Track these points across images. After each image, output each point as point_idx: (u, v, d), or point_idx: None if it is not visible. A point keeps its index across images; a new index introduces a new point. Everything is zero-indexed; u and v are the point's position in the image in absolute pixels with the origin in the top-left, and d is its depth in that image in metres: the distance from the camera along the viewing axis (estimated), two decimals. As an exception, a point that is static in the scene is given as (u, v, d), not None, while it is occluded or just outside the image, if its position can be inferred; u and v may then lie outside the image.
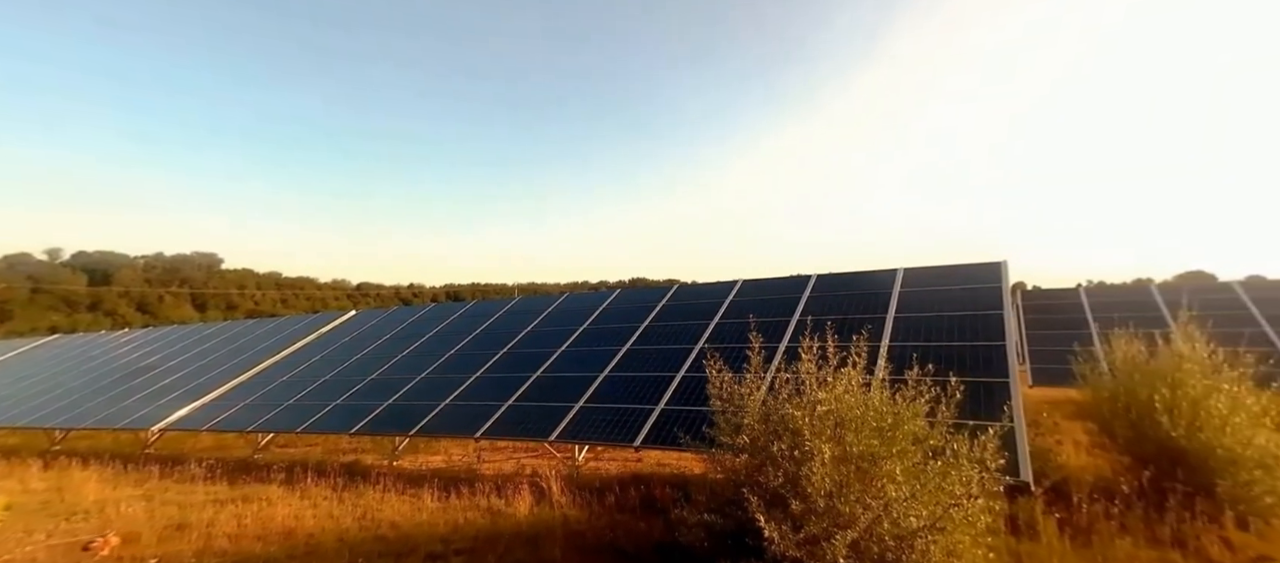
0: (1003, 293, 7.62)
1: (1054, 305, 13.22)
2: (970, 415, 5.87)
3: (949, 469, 4.19)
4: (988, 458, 4.20)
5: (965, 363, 6.62)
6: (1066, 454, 7.04)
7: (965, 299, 7.80)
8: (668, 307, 10.31)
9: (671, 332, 9.31)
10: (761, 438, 4.73)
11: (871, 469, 4.29)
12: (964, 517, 4.05)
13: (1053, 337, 11.74)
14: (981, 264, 8.32)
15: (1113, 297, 13.04)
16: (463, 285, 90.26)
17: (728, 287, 10.22)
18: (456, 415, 8.45)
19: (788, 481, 4.39)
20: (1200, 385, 5.63)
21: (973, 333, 7.18)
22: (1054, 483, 5.83)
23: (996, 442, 4.30)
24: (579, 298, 12.55)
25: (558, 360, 9.45)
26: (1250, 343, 6.35)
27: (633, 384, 8.07)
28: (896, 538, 4.02)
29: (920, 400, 4.54)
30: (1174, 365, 5.84)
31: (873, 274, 9.16)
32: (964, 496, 4.07)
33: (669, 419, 6.93)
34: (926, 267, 8.82)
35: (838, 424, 4.46)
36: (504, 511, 6.12)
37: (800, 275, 9.78)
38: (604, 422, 7.35)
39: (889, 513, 4.03)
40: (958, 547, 4.07)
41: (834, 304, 8.69)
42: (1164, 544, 4.87)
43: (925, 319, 7.73)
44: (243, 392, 11.51)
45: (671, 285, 11.26)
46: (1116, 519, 5.15)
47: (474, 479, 7.40)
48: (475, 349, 10.87)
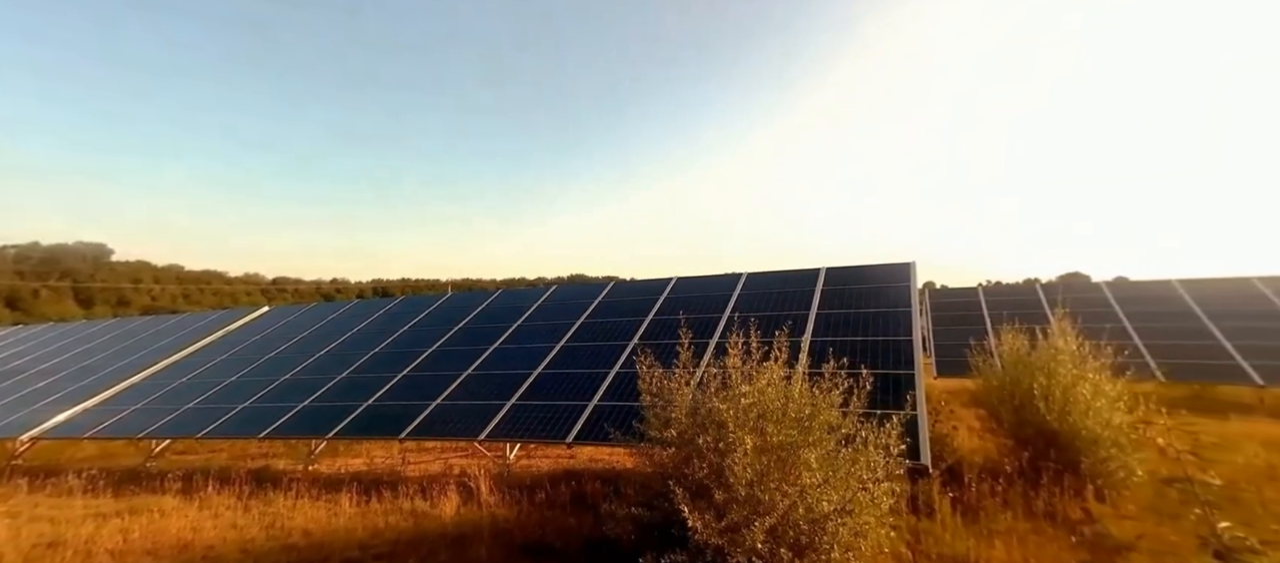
0: (911, 292, 8.23)
1: (956, 303, 14.47)
2: (880, 405, 6.35)
3: (858, 456, 4.49)
4: (891, 444, 4.55)
5: (877, 356, 7.11)
6: (961, 439, 7.74)
7: (878, 297, 8.37)
8: (604, 303, 10.36)
9: (607, 328, 9.36)
10: (689, 431, 4.88)
11: (790, 458, 4.52)
12: (870, 499, 4.38)
13: (955, 332, 12.85)
14: (893, 265, 8.95)
15: (1005, 295, 14.44)
16: (392, 281, 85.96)
17: (663, 283, 10.39)
18: (379, 416, 8.10)
19: (712, 472, 4.57)
20: (1070, 375, 6.37)
21: (884, 328, 7.71)
22: (950, 465, 6.40)
23: (900, 429, 4.66)
24: (514, 295, 12.33)
25: (490, 357, 9.27)
26: (1111, 336, 7.24)
27: (566, 381, 8.05)
28: (810, 522, 4.28)
29: (835, 392, 4.84)
30: (1050, 357, 6.57)
31: (798, 273, 9.62)
32: (871, 480, 4.40)
33: (602, 415, 6.98)
34: (846, 266, 9.37)
35: (760, 416, 4.68)
36: (429, 513, 5.94)
37: (732, 274, 10.11)
38: (537, 419, 7.29)
39: (804, 499, 4.28)
40: (864, 527, 4.37)
41: (763, 301, 9.05)
42: (1038, 517, 5.49)
43: (844, 315, 8.22)
44: (135, 395, 10.44)
45: (608, 282, 11.30)
46: (1000, 496, 5.74)
47: (398, 482, 7.13)
48: (402, 347, 10.44)
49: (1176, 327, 11.63)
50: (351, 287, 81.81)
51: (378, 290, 78.58)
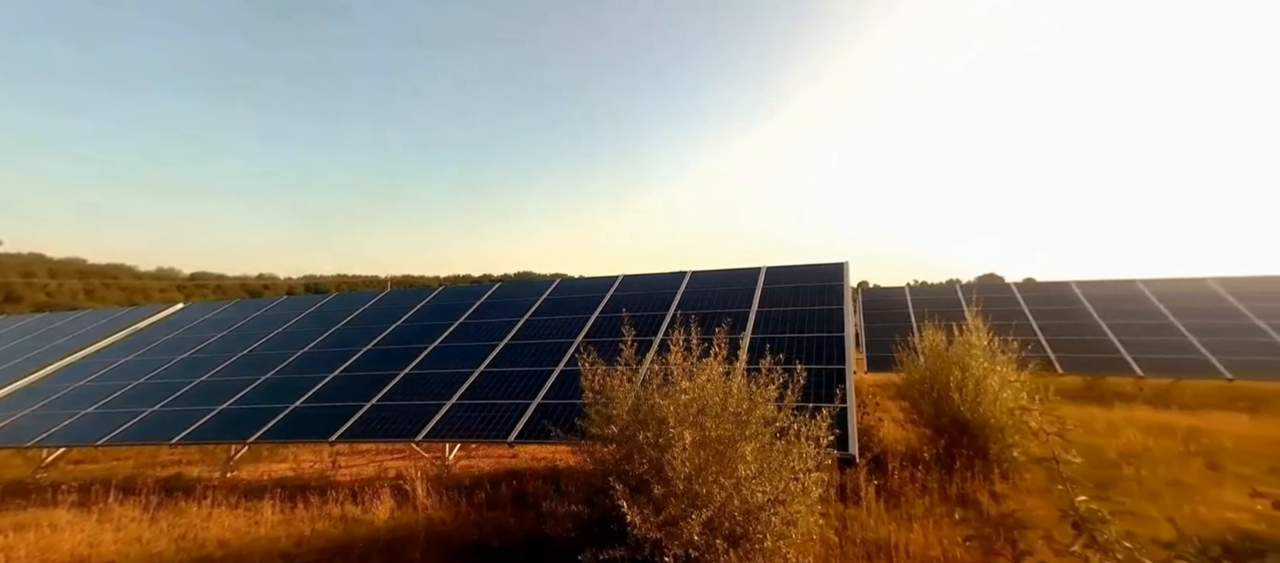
0: (844, 291, 8.67)
1: (886, 301, 15.36)
2: (814, 399, 6.66)
3: (792, 448, 4.71)
4: (821, 436, 4.79)
5: (812, 352, 7.45)
6: (886, 430, 8.24)
7: (814, 295, 8.76)
8: (549, 300, 10.28)
9: (552, 326, 9.30)
10: (630, 428, 4.95)
11: (728, 451, 4.67)
12: (801, 489, 4.60)
13: (885, 328, 13.63)
14: (828, 264, 9.39)
15: (929, 294, 15.47)
16: (325, 277, 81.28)
17: (610, 281, 10.43)
18: (308, 418, 7.69)
19: (652, 467, 4.65)
20: (981, 368, 6.91)
21: (819, 325, 8.08)
22: (876, 455, 6.81)
23: (829, 421, 4.91)
24: (455, 292, 12.01)
25: (429, 356, 8.99)
26: (1017, 333, 7.90)
27: (509, 379, 7.94)
28: (745, 513, 4.44)
29: (771, 387, 5.05)
30: (964, 351, 7.11)
31: (741, 271, 9.90)
32: (802, 471, 4.63)
33: (546, 414, 6.94)
34: (785, 266, 9.74)
35: (700, 412, 4.80)
36: (360, 518, 5.72)
37: (678, 272, 10.28)
38: (478, 419, 7.15)
39: (740, 491, 4.44)
40: (795, 516, 4.58)
41: (707, 299, 9.26)
42: (951, 500, 5.93)
43: (782, 313, 8.54)
44: (23, 399, 9.42)
45: (555, 279, 11.21)
46: (919, 482, 6.16)
47: (328, 487, 6.81)
48: (335, 346, 9.95)
49: (1073, 324, 12.86)
50: (280, 283, 76.81)
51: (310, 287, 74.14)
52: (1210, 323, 11.79)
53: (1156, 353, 11.30)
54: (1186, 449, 7.24)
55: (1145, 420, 8.95)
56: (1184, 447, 7.32)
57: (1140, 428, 8.42)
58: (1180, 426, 8.55)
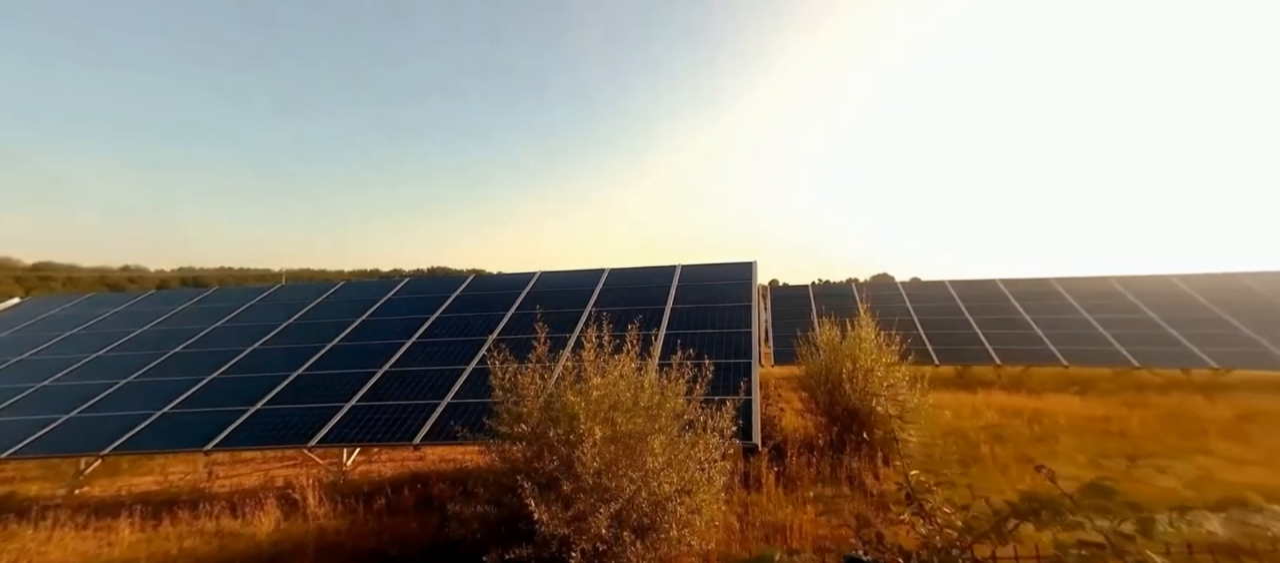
0: (752, 289, 9.14)
1: (792, 298, 16.40)
2: (723, 392, 6.96)
3: (698, 440, 4.91)
4: (725, 427, 5.04)
5: (721, 347, 7.79)
6: (787, 419, 8.82)
7: (725, 293, 9.16)
8: (463, 297, 9.93)
9: (464, 324, 8.99)
10: (541, 425, 4.93)
11: (638, 445, 4.79)
12: (706, 479, 4.82)
13: (791, 323, 14.54)
14: (737, 264, 9.85)
15: (831, 291, 16.73)
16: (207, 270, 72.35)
17: (526, 278, 10.26)
18: (179, 425, 6.91)
19: (562, 464, 4.67)
20: (869, 359, 7.59)
21: (728, 322, 8.47)
22: (777, 443, 7.27)
23: (734, 413, 5.18)
24: (359, 287, 11.27)
25: (328, 356, 8.38)
26: (899, 328, 8.75)
27: (417, 379, 7.59)
28: (653, 504, 4.58)
29: (681, 382, 5.23)
30: (855, 345, 7.76)
31: (657, 269, 10.13)
32: (708, 461, 4.85)
33: (456, 414, 6.71)
34: (698, 264, 10.09)
35: (612, 407, 4.88)
36: (239, 532, 5.24)
37: (595, 269, 10.32)
38: (380, 421, 6.78)
39: (648, 483, 4.57)
40: (701, 505, 4.78)
41: (623, 297, 9.37)
42: (841, 482, 6.48)
43: (695, 310, 8.85)
44: None
45: (469, 276, 10.81)
46: (814, 467, 6.66)
47: (202, 500, 6.16)
48: (214, 345, 8.99)
49: (947, 319, 14.46)
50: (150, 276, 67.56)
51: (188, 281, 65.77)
52: (1053, 318, 13.76)
53: (1012, 345, 13.00)
54: (1031, 429, 8.39)
55: (1001, 404, 10.26)
56: (1029, 427, 8.48)
57: (997, 411, 9.65)
58: (1028, 408, 9.89)
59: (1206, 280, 14.39)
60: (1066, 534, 1.35)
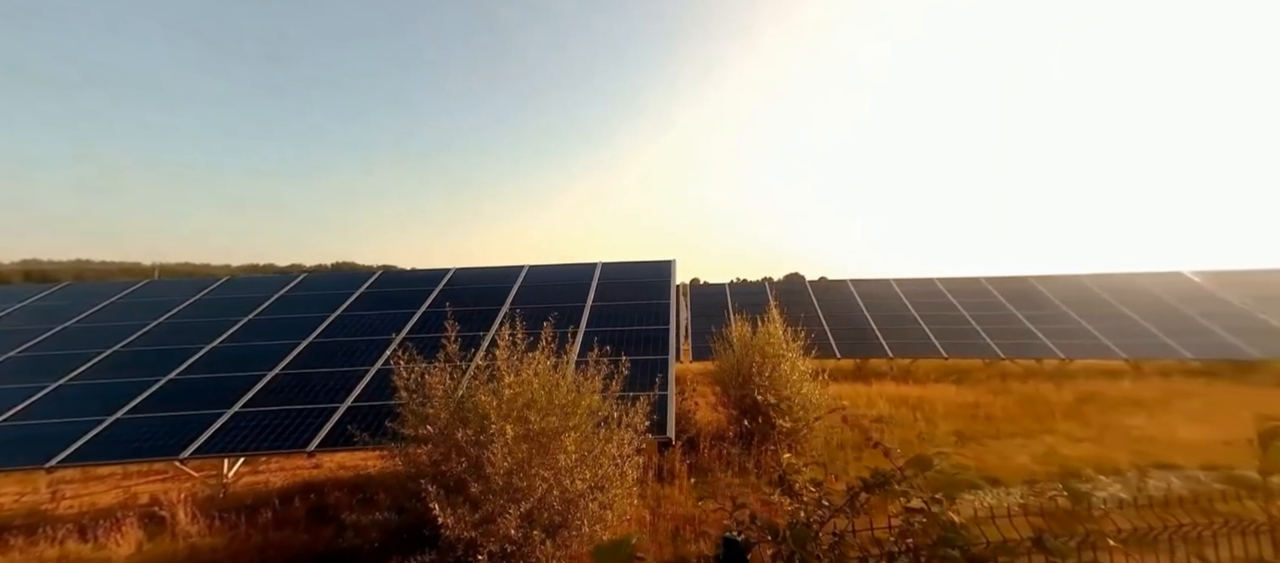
0: (670, 286, 9.35)
1: (711, 295, 17.00)
2: (639, 388, 7.05)
3: (612, 435, 4.96)
4: (638, 423, 5.13)
5: (639, 344, 7.90)
6: (702, 413, 9.13)
7: (644, 291, 9.29)
8: (368, 295, 9.32)
9: (370, 322, 8.45)
10: (448, 426, 4.77)
11: (551, 443, 4.76)
12: (619, 474, 4.88)
13: (710, 320, 15.05)
14: (657, 262, 10.04)
15: (746, 290, 17.52)
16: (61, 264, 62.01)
17: (439, 274, 9.81)
18: (13, 441, 5.94)
19: (471, 465, 4.55)
20: (777, 354, 8.03)
21: (647, 319, 8.61)
22: (691, 436, 7.50)
23: (649, 408, 5.28)
24: (246, 283, 10.25)
25: (206, 358, 7.55)
26: (805, 324, 9.33)
27: (314, 382, 7.04)
28: (565, 502, 4.57)
29: (597, 379, 5.26)
30: (764, 340, 8.18)
31: (577, 266, 10.07)
32: (621, 456, 4.91)
33: (357, 418, 6.29)
34: (619, 262, 10.16)
35: (526, 406, 4.81)
36: (90, 557, 4.61)
37: (514, 266, 10.09)
38: (269, 428, 6.21)
39: (560, 481, 4.55)
40: (613, 500, 4.84)
41: (543, 294, 9.24)
42: (749, 472, 6.81)
43: (615, 307, 8.91)
44: None
45: (376, 271, 10.14)
46: (725, 458, 6.95)
47: (42, 524, 5.34)
48: (63, 347, 7.81)
49: (848, 315, 15.66)
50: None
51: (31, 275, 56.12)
52: (936, 313, 15.30)
53: (902, 339, 14.31)
54: (914, 415, 9.26)
55: (893, 394, 11.24)
56: (913, 414, 9.36)
57: (888, 400, 10.57)
58: (914, 396, 10.92)
59: (1056, 281, 16.61)
60: (893, 504, 1.56)
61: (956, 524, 1.39)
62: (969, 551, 1.31)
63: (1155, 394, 10.90)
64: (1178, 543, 1.52)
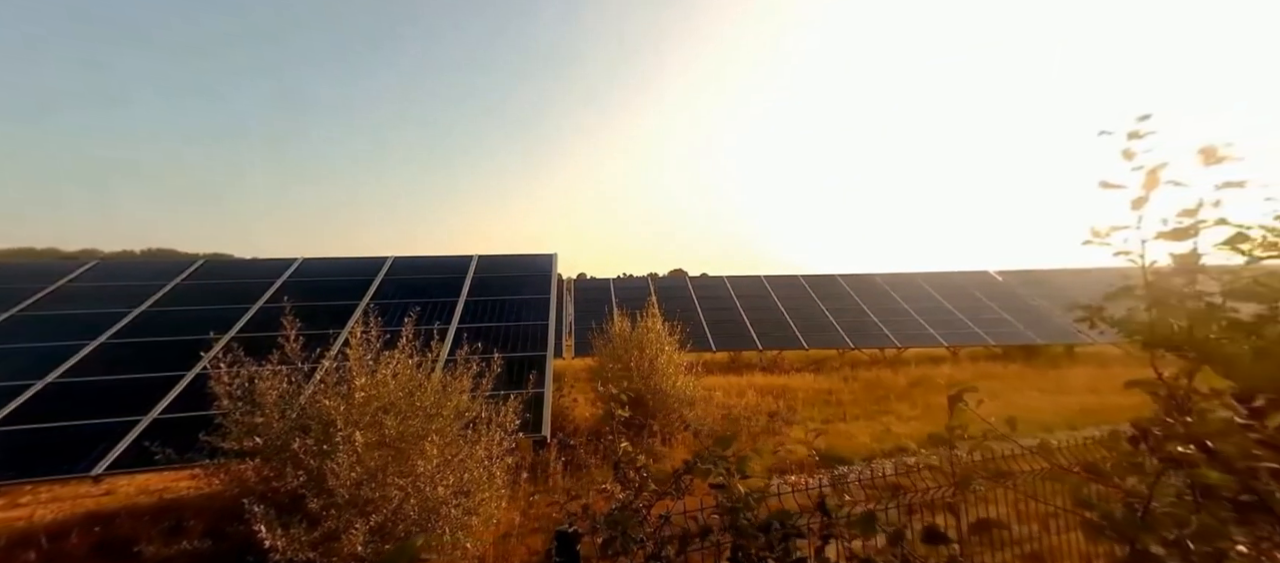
0: (551, 280, 9.12)
1: (595, 291, 16.99)
2: (514, 385, 6.78)
3: (480, 437, 4.67)
4: (507, 422, 4.89)
5: (516, 340, 7.59)
6: (580, 409, 9.05)
7: (524, 285, 8.97)
8: (185, 287, 7.89)
9: (186, 319, 7.16)
10: (282, 436, 4.18)
11: (409, 449, 4.36)
12: (488, 477, 4.61)
13: (593, 315, 14.99)
14: (537, 255, 9.75)
15: (630, 285, 17.77)
16: None
17: (283, 265, 8.61)
18: None
19: (310, 478, 4.03)
20: (654, 349, 8.18)
21: (526, 314, 8.32)
22: (567, 434, 7.37)
23: (521, 406, 5.05)
24: (13, 271, 8.18)
25: (-59, 364, 5.88)
26: (682, 318, 9.65)
27: (104, 391, 5.79)
28: (424, 511, 4.21)
29: (466, 378, 4.92)
30: (643, 335, 8.29)
31: (450, 258, 9.44)
32: (490, 458, 4.64)
33: (164, 432, 5.28)
34: (497, 255, 9.70)
35: (381, 410, 4.36)
36: None
37: (376, 257, 9.17)
38: (35, 450, 4.99)
39: (419, 489, 4.19)
40: (478, 505, 4.56)
41: (410, 287, 8.52)
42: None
43: (490, 302, 8.48)
44: None
45: (196, 261, 8.55)
46: (601, 454, 6.91)
47: None
48: None
49: (724, 310, 16.56)
50: None
51: None
52: (799, 307, 16.77)
53: (771, 332, 15.46)
54: (777, 403, 10.00)
55: (761, 384, 12.06)
56: (776, 402, 10.10)
57: (756, 390, 11.30)
58: (779, 385, 11.81)
59: (895, 278, 19.05)
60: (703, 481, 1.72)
61: (743, 495, 1.59)
62: (754, 516, 1.55)
63: (967, 376, 12.89)
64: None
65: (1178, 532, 0.83)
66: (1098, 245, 1.16)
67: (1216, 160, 1.03)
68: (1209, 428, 0.87)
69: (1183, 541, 0.82)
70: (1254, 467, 0.85)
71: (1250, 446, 0.94)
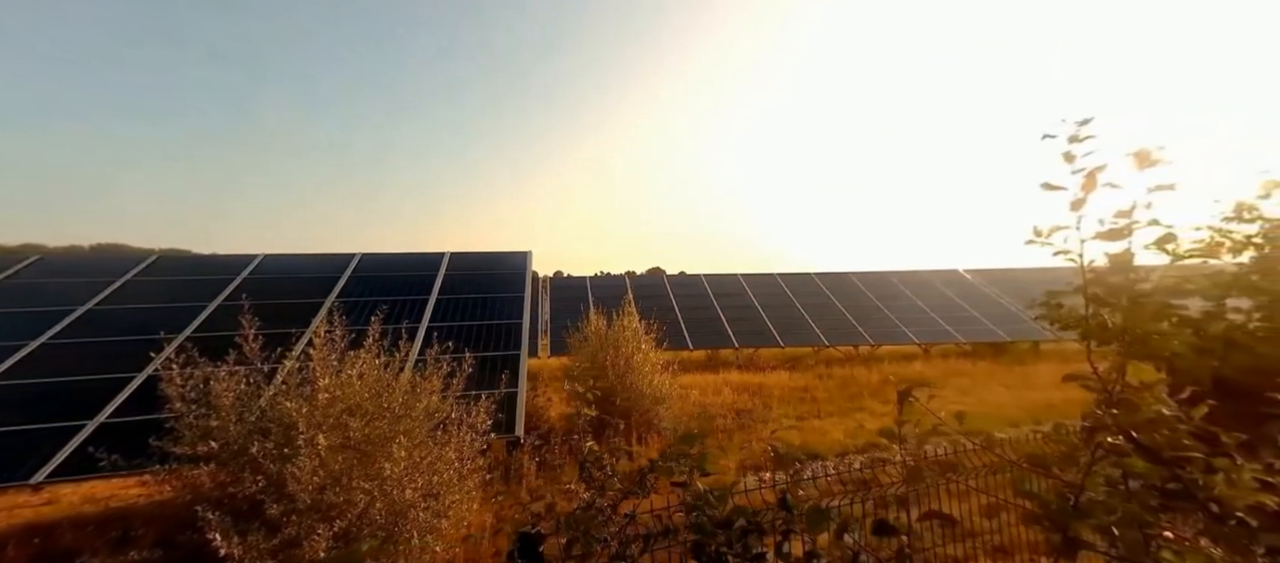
0: (525, 279, 9.02)
1: (572, 289, 16.87)
2: (488, 386, 6.68)
3: (451, 438, 4.59)
4: (479, 423, 4.82)
5: (489, 339, 7.49)
6: (555, 408, 8.98)
7: (497, 283, 8.85)
8: (139, 284, 7.57)
9: (139, 318, 6.86)
10: (238, 440, 4.04)
11: (376, 451, 4.27)
12: (458, 478, 4.53)
13: (570, 314, 14.90)
14: (512, 253, 9.63)
15: (606, 283, 17.71)
16: None
17: (243, 261, 8.33)
18: None
19: (270, 483, 3.90)
20: (630, 347, 8.16)
21: (499, 312, 8.21)
22: (542, 434, 7.30)
23: (493, 407, 4.98)
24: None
25: None
26: (659, 316, 9.64)
27: (46, 395, 5.51)
28: (392, 514, 4.12)
29: (436, 378, 4.83)
30: (618, 333, 8.26)
31: (421, 256, 9.27)
32: (461, 459, 4.56)
33: (112, 437, 5.05)
34: (469, 252, 9.56)
35: (346, 412, 4.25)
36: None
37: (343, 254, 8.94)
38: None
39: (384, 492, 4.09)
40: (448, 507, 4.48)
41: (379, 286, 8.32)
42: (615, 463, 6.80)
43: (463, 300, 8.35)
44: None
45: (148, 256, 8.21)
46: (575, 452, 6.86)
47: None
48: None
49: (702, 308, 16.64)
50: None
51: None
52: (776, 305, 16.94)
53: (748, 329, 15.58)
54: (754, 401, 10.08)
55: (737, 382, 12.14)
56: (751, 399, 10.19)
57: (733, 388, 11.38)
58: (755, 383, 11.90)
59: (869, 276, 19.39)
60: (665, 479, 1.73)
61: (704, 492, 1.62)
62: (713, 513, 1.57)
63: (938, 373, 13.18)
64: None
65: (1106, 519, 0.85)
66: (1039, 245, 1.18)
67: (1150, 164, 1.05)
68: (1135, 420, 0.89)
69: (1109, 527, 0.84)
70: (1180, 457, 0.87)
71: (1182, 437, 0.96)
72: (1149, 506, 0.86)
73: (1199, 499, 0.82)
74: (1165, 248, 1.03)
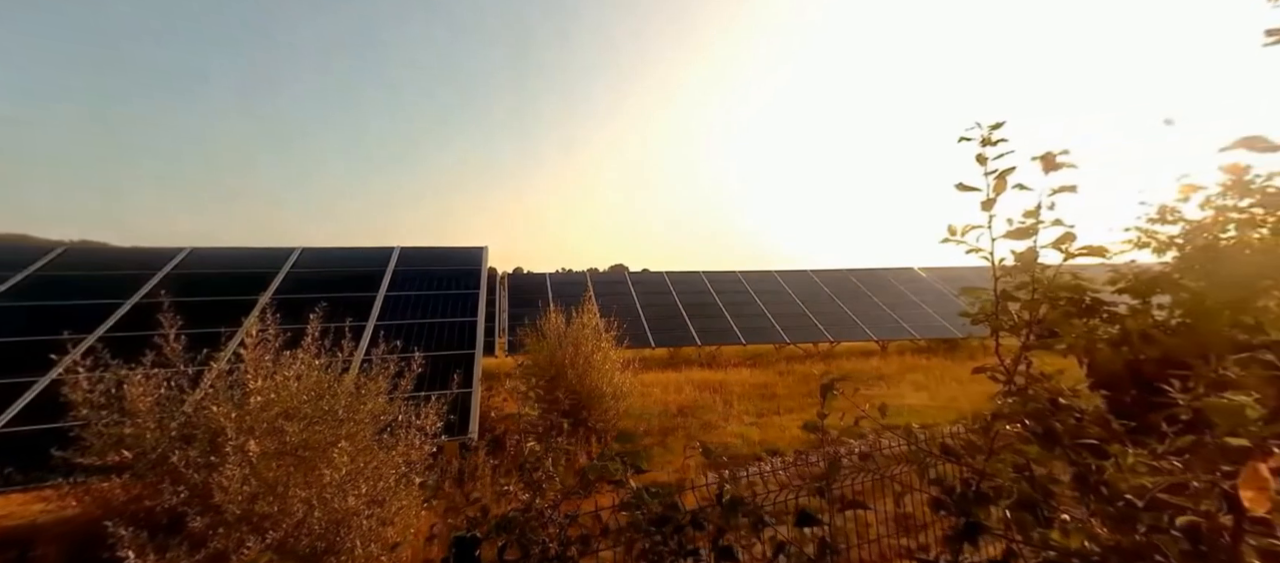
0: (480, 275, 8.81)
1: (530, 286, 16.64)
2: (439, 386, 6.48)
3: (398, 441, 4.42)
4: (428, 424, 4.65)
5: (442, 337, 7.28)
6: (511, 406, 8.81)
7: (450, 279, 8.61)
8: (42, 279, 6.96)
9: (42, 316, 6.32)
10: (158, 447, 3.78)
11: (316, 458, 4.07)
12: (405, 483, 4.36)
13: (528, 312, 14.63)
14: (465, 248, 9.39)
15: (567, 280, 17.55)
16: None
17: (167, 255, 7.80)
18: None
19: (194, 494, 3.66)
20: (589, 345, 8.07)
21: (452, 310, 7.99)
22: (497, 434, 7.14)
23: (444, 407, 4.82)
24: None
25: None
26: (621, 314, 9.58)
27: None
28: (331, 523, 3.93)
29: (383, 379, 4.63)
30: (578, 331, 8.16)
31: (367, 251, 8.93)
32: (409, 463, 4.40)
33: (10, 449, 4.64)
34: (421, 247, 9.27)
35: (282, 416, 4.03)
36: None
37: (280, 248, 8.51)
38: None
39: (324, 501, 3.91)
40: (395, 514, 4.31)
41: (321, 282, 7.96)
42: (558, 465, 6.70)
43: (413, 297, 8.08)
44: None
45: (57, 248, 7.51)
46: (530, 453, 6.74)
47: None
48: None
49: (664, 306, 16.69)
50: None
51: None
52: (736, 301, 17.17)
53: (709, 327, 15.72)
54: (714, 399, 10.16)
55: (699, 379, 12.22)
56: (712, 397, 10.26)
57: (695, 385, 11.44)
58: (716, 380, 12.00)
59: (827, 274, 19.88)
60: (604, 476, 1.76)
61: (638, 491, 1.62)
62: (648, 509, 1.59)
63: (894, 369, 13.61)
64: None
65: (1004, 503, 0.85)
66: (954, 244, 1.20)
67: (1054, 167, 1.08)
68: (1030, 409, 0.89)
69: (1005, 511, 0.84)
70: (1078, 444, 0.88)
71: (1086, 425, 0.97)
72: (1048, 490, 0.86)
73: (1092, 483, 0.84)
74: (1061, 247, 1.07)
